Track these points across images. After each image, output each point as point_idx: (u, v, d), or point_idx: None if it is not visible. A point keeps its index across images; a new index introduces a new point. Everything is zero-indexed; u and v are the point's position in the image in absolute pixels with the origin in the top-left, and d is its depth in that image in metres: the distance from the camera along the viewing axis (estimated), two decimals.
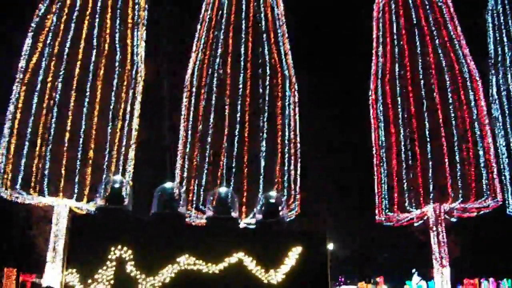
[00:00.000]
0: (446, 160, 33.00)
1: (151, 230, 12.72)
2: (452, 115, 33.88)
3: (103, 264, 11.81)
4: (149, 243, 12.36)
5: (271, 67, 34.72)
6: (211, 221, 14.17)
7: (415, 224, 36.49)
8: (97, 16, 33.00)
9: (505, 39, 38.30)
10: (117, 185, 13.84)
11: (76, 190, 29.74)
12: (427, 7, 36.91)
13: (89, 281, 11.62)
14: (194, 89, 34.86)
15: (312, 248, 13.62)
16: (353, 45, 44.58)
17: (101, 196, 13.59)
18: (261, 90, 33.96)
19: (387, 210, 34.61)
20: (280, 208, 14.87)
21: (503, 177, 36.39)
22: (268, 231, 14.03)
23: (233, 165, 31.60)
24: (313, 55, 45.82)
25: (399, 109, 34.95)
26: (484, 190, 33.28)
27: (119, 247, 11.99)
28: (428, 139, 33.51)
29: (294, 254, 13.39)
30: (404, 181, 33.71)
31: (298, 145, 34.76)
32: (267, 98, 33.86)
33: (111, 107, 31.73)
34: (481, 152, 33.97)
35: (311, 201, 38.66)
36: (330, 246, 14.18)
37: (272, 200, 15.07)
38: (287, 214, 14.90)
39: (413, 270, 40.39)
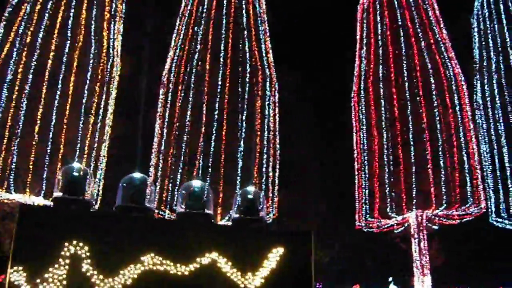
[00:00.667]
0: (430, 165, 31.58)
1: (112, 224, 11.02)
2: (437, 119, 32.45)
3: (55, 261, 10.11)
4: (109, 239, 10.68)
5: (252, 65, 33.15)
6: (182, 217, 12.47)
7: (396, 231, 35.07)
8: (72, 6, 31.23)
9: (490, 44, 36.96)
10: (76, 174, 12.12)
11: (44, 187, 27.84)
12: (413, 8, 35.56)
13: (38, 280, 9.92)
14: (171, 86, 33.12)
15: (295, 250, 12.03)
16: (336, 45, 43.12)
17: (58, 185, 11.85)
18: (240, 89, 32.31)
19: (367, 216, 33.12)
20: (258, 204, 13.22)
21: (486, 185, 34.97)
22: (246, 229, 12.38)
23: (209, 164, 29.88)
24: (295, 55, 44.22)
25: (382, 112, 33.47)
26: (468, 197, 31.88)
27: (74, 242, 10.29)
28: (411, 143, 32.06)
29: (275, 256, 11.79)
30: (386, 186, 32.22)
31: (278, 146, 33.20)
32: (246, 97, 32.25)
33: (84, 101, 29.94)
34: (465, 158, 32.58)
35: (296, 202, 37.06)
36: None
37: (250, 196, 13.44)
38: (266, 212, 13.02)
39: (390, 279, 38.99)
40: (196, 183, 14.05)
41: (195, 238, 11.42)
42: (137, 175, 12.68)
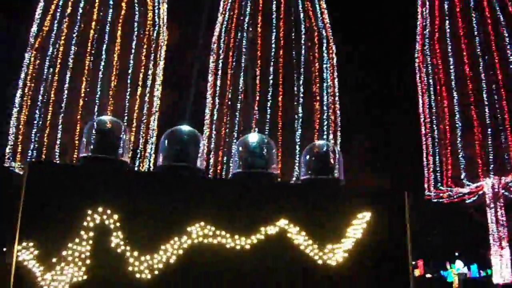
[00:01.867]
0: (508, 126, 28.08)
1: (150, 187, 8.30)
2: None
3: (75, 235, 7.51)
4: (145, 206, 8.00)
5: (306, 27, 30.20)
6: (239, 178, 9.69)
7: (467, 201, 31.68)
8: None
9: None
10: (107, 128, 9.53)
11: None
12: None
13: (54, 259, 7.35)
14: (221, 53, 30.47)
15: (386, 215, 9.16)
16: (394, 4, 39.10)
17: (85, 143, 9.24)
18: (295, 53, 29.49)
19: (438, 184, 29.82)
20: (334, 160, 10.36)
21: None
22: (323, 190, 9.52)
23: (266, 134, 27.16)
24: (351, 13, 40.54)
25: (451, 70, 29.97)
26: None
27: (100, 210, 7.67)
28: (486, 103, 28.57)
29: (360, 223, 8.95)
30: (459, 150, 28.82)
31: (338, 112, 30.21)
32: (302, 61, 29.38)
33: (130, 71, 27.76)
34: None
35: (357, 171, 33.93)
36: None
37: (323, 150, 10.63)
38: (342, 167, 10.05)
39: (456, 254, 35.94)
40: (254, 137, 11.27)
41: (258, 202, 8.68)
42: (184, 127, 9.99)
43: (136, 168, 26.28)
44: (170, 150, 9.51)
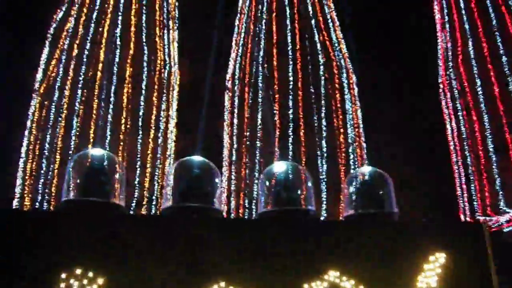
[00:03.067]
0: None
1: (150, 237, 5.96)
2: None
3: None
4: (144, 263, 5.65)
5: (324, 57, 28.19)
6: (268, 218, 7.33)
7: (506, 230, 28.96)
8: (120, 13, 27.31)
9: None
10: (97, 163, 7.29)
11: None
12: None
13: None
14: (237, 90, 28.44)
15: (464, 254, 6.76)
16: (415, 24, 36.67)
17: (69, 183, 7.00)
18: (313, 85, 27.47)
19: (476, 214, 27.21)
20: (384, 189, 8.02)
21: None
22: (378, 229, 7.13)
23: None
24: (369, 40, 38.13)
25: (479, 92, 27.68)
26: None
27: (78, 272, 5.31)
28: None
29: (433, 268, 6.54)
30: (496, 176, 26.32)
31: (364, 144, 27.87)
32: (322, 93, 27.29)
33: (141, 113, 25.84)
34: None
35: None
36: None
37: (369, 177, 8.31)
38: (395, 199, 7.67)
39: None
40: (283, 166, 8.90)
41: (296, 249, 6.31)
42: (195, 158, 7.74)
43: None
44: (178, 187, 7.24)
